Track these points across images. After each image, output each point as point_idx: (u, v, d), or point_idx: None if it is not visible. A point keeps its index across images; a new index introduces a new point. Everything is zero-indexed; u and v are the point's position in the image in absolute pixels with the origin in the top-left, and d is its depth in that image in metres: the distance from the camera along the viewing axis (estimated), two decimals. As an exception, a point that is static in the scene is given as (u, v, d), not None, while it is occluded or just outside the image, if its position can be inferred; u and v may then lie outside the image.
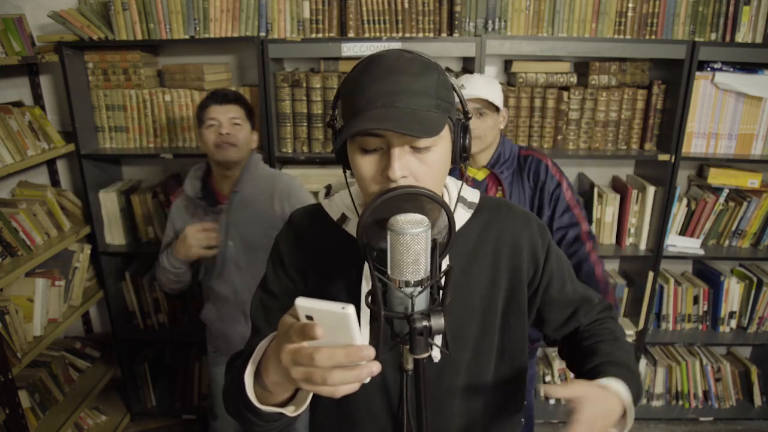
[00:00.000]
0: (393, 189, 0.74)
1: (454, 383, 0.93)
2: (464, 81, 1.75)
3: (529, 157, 1.83)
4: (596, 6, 2.18)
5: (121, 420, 2.65)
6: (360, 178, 0.81)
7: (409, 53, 0.81)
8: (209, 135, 1.79)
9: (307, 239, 0.97)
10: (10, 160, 2.04)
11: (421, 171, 0.78)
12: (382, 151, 0.79)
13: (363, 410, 0.95)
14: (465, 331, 0.92)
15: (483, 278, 0.93)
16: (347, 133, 0.75)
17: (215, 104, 1.81)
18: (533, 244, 0.96)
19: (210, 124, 1.79)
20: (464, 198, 0.95)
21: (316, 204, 1.00)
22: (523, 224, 0.97)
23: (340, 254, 0.93)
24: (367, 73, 0.78)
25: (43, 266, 2.22)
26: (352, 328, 0.59)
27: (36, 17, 2.34)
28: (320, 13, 2.20)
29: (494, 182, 1.83)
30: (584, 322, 1.02)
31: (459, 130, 0.83)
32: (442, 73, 0.81)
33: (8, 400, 1.91)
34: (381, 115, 0.74)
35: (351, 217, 0.92)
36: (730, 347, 2.84)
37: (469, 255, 0.93)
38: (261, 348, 0.74)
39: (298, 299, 0.60)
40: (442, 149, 0.80)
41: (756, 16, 2.19)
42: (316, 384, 0.61)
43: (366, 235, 0.77)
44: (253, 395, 0.74)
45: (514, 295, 0.95)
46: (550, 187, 1.80)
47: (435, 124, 0.75)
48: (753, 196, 2.38)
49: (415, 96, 0.76)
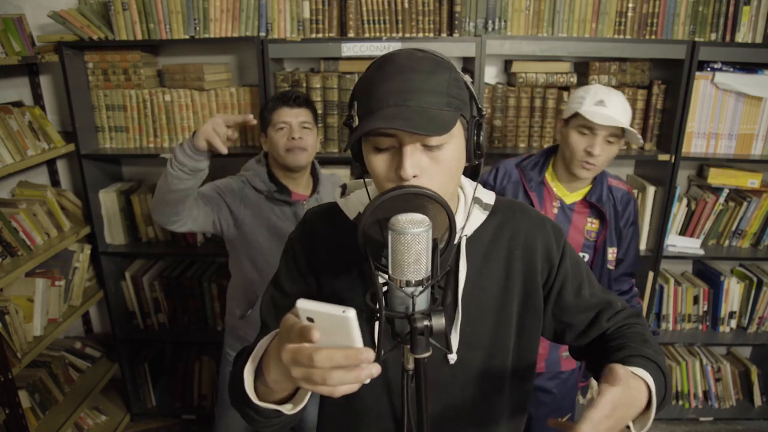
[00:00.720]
0: (393, 189, 0.74)
1: (468, 382, 0.94)
2: (604, 97, 1.59)
3: (621, 191, 1.74)
4: (596, 6, 2.18)
5: (121, 420, 2.65)
6: (374, 177, 0.83)
7: (421, 52, 0.81)
8: (279, 138, 1.76)
9: (321, 238, 0.97)
10: (10, 160, 2.04)
11: (433, 169, 0.79)
12: (395, 150, 0.79)
13: (368, 410, 0.95)
14: (478, 332, 0.92)
15: (497, 279, 0.93)
16: (358, 133, 0.76)
17: (286, 107, 1.77)
18: (547, 245, 0.95)
19: (280, 127, 1.77)
20: (480, 199, 0.95)
21: (332, 203, 1.00)
22: (538, 226, 0.96)
23: (355, 253, 0.93)
24: (379, 73, 0.79)
25: (43, 266, 2.22)
26: (352, 332, 0.59)
27: (36, 17, 2.34)
28: (320, 13, 2.20)
29: (584, 211, 1.72)
30: (608, 326, 0.98)
31: (473, 127, 0.84)
32: (454, 71, 0.81)
33: (8, 400, 1.91)
34: (392, 114, 0.75)
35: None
36: (730, 347, 2.85)
37: (483, 256, 0.93)
38: (262, 345, 0.74)
39: (299, 301, 0.60)
40: (455, 147, 0.81)
41: (756, 16, 2.19)
42: (315, 384, 0.61)
43: (369, 234, 0.77)
44: (252, 391, 0.74)
45: (530, 296, 0.95)
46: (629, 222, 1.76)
47: (446, 122, 0.75)
48: (753, 196, 2.38)
49: (426, 94, 0.76)
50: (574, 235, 1.72)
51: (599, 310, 0.99)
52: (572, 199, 1.72)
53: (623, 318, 0.99)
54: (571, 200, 1.72)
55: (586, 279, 0.99)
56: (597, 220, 1.72)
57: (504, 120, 2.33)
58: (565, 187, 1.73)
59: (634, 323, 0.98)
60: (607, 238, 1.71)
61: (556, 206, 1.72)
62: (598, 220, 1.72)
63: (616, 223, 1.73)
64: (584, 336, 0.99)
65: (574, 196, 1.73)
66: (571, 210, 1.72)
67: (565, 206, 1.72)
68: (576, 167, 1.64)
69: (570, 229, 1.72)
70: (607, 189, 1.73)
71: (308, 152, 1.79)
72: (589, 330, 0.99)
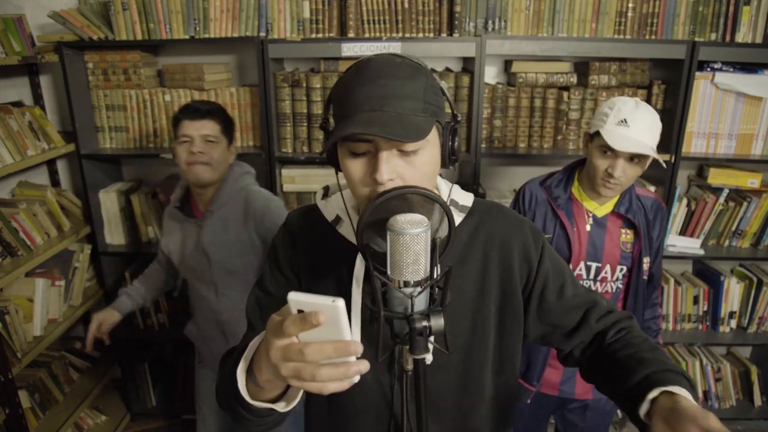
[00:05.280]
0: (393, 189, 0.74)
1: (446, 383, 0.93)
2: (627, 116, 1.49)
3: (651, 200, 1.69)
4: (596, 6, 2.18)
5: (121, 420, 2.65)
6: (350, 181, 0.83)
7: (399, 57, 0.81)
8: (181, 152, 1.68)
9: (301, 239, 0.98)
10: (10, 160, 2.04)
11: (408, 174, 0.79)
12: (371, 154, 0.80)
13: (353, 409, 0.95)
14: (454, 332, 0.92)
15: (473, 280, 0.93)
16: (334, 137, 0.76)
17: (187, 119, 1.68)
18: (525, 246, 0.95)
19: (182, 141, 1.68)
20: (456, 201, 0.95)
21: (312, 205, 1.01)
22: (515, 227, 0.96)
23: (332, 255, 0.94)
24: (356, 78, 0.79)
25: (43, 266, 2.22)
26: (341, 322, 0.60)
27: (36, 17, 2.34)
28: (320, 13, 2.20)
29: (617, 222, 1.66)
30: (599, 328, 0.96)
31: (448, 133, 0.84)
32: (431, 77, 0.81)
33: (8, 400, 1.91)
34: (368, 120, 0.75)
35: (344, 219, 0.93)
36: (730, 347, 2.84)
37: (459, 257, 0.93)
38: (253, 345, 0.75)
39: (291, 293, 0.61)
40: (430, 152, 0.81)
41: (756, 16, 2.19)
42: (305, 380, 0.62)
43: (366, 235, 0.77)
44: (246, 391, 0.75)
45: (508, 298, 0.95)
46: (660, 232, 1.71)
47: (421, 128, 0.76)
48: (753, 196, 2.38)
49: (402, 100, 0.77)
50: (610, 249, 1.66)
51: (586, 309, 0.97)
52: (603, 211, 1.67)
53: (615, 319, 0.96)
54: (602, 213, 1.67)
55: (568, 279, 0.98)
56: (630, 230, 1.66)
57: (504, 120, 2.33)
58: (594, 201, 1.67)
59: (631, 326, 0.96)
60: (643, 248, 1.66)
61: (589, 222, 1.66)
62: (632, 231, 1.66)
63: (648, 233, 1.68)
64: (572, 338, 0.97)
65: (605, 209, 1.67)
66: (604, 223, 1.67)
67: (597, 220, 1.66)
68: (598, 186, 1.60)
69: (606, 242, 1.66)
70: (636, 198, 1.67)
71: (212, 167, 1.69)
72: (576, 331, 0.97)
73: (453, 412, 0.95)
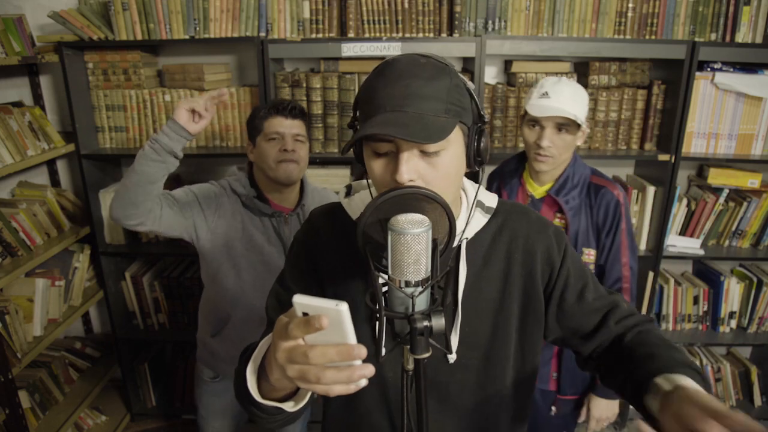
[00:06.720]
0: (393, 190, 0.75)
1: (465, 382, 0.94)
2: (549, 89, 1.56)
3: (602, 189, 1.65)
4: (596, 6, 2.18)
5: (121, 420, 2.65)
6: (374, 180, 0.84)
7: (424, 57, 0.81)
8: (270, 149, 1.65)
9: (324, 237, 0.98)
10: (10, 160, 2.04)
11: (430, 175, 0.79)
12: (393, 154, 0.80)
13: (370, 410, 0.96)
14: (476, 332, 0.93)
15: (495, 281, 0.93)
16: (355, 138, 0.77)
17: (281, 116, 1.67)
18: (548, 247, 0.95)
19: (272, 138, 1.66)
20: (482, 202, 0.95)
21: (336, 203, 1.01)
22: (538, 228, 0.96)
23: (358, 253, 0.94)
24: (380, 78, 0.80)
25: (43, 266, 2.22)
26: (345, 326, 0.60)
27: (36, 17, 2.34)
28: (320, 13, 2.20)
29: (553, 206, 1.68)
30: (618, 331, 0.94)
31: (473, 133, 0.84)
32: (456, 77, 0.81)
33: (8, 400, 1.91)
34: (387, 120, 0.75)
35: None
36: (730, 347, 2.84)
37: (482, 258, 0.93)
38: (264, 344, 0.76)
39: (296, 296, 0.61)
40: (454, 153, 0.81)
41: (756, 16, 2.19)
42: (310, 382, 0.62)
43: (369, 234, 0.78)
44: (255, 390, 0.76)
45: (530, 299, 0.95)
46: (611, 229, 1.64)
47: (441, 129, 0.75)
48: (753, 196, 2.38)
49: (424, 100, 0.77)
50: None
51: (605, 312, 0.96)
52: (541, 194, 1.71)
53: (635, 322, 0.95)
54: (539, 195, 1.71)
55: (590, 282, 0.98)
56: (565, 216, 1.67)
57: (504, 120, 2.33)
58: (536, 183, 1.72)
59: (650, 328, 0.94)
60: (579, 237, 1.65)
61: (528, 203, 1.71)
62: (566, 216, 1.67)
63: (591, 222, 1.66)
64: (591, 341, 0.96)
65: (542, 191, 1.71)
66: (540, 205, 1.70)
67: (534, 201, 1.71)
68: (532, 161, 1.65)
69: None
70: (583, 185, 1.66)
71: (300, 166, 1.70)
72: (595, 334, 0.96)
73: (471, 411, 0.96)
